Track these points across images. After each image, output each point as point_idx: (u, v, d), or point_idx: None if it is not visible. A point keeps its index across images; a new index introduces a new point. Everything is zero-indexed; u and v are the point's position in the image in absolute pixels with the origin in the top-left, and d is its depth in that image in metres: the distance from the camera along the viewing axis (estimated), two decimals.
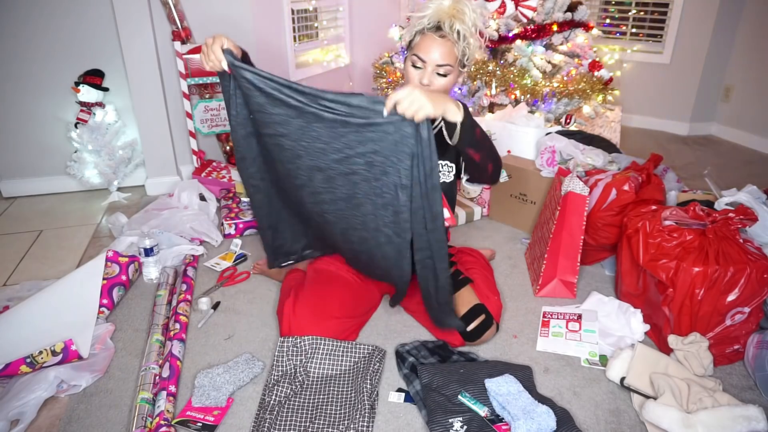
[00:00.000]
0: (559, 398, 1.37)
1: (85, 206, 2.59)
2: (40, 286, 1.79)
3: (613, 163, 2.14)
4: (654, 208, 1.65)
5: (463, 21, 1.36)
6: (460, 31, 1.36)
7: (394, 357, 1.50)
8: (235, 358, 1.47)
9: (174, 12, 2.46)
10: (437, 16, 1.36)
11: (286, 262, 1.68)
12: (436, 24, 1.37)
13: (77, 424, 1.29)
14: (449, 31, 1.36)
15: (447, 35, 1.36)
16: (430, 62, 1.38)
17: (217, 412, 1.30)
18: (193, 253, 2.01)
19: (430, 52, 1.37)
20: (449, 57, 1.37)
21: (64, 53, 2.51)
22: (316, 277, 1.61)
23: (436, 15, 1.36)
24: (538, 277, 1.82)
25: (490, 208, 2.40)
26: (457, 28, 1.36)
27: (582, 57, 2.79)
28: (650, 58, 3.79)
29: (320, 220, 1.44)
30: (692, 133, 3.79)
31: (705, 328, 1.46)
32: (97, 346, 1.52)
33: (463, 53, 1.40)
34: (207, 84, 2.64)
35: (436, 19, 1.36)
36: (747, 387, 1.42)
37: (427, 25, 1.38)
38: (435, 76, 1.39)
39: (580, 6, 2.76)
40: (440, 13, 1.36)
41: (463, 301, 1.53)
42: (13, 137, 2.60)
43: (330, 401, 1.34)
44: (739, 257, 1.42)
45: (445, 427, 1.23)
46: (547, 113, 2.66)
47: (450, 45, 1.37)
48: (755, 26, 3.42)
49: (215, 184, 2.52)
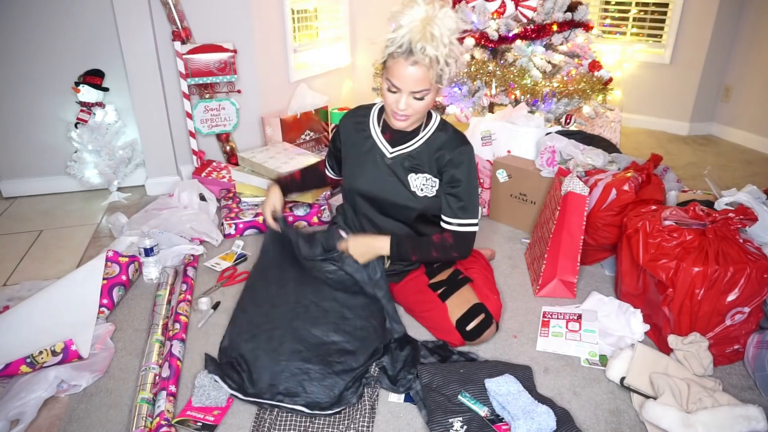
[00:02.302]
0: (559, 398, 1.37)
1: (85, 206, 2.59)
2: (40, 286, 1.79)
3: (613, 163, 2.14)
4: (654, 208, 1.65)
5: (436, 46, 1.27)
6: (432, 57, 1.27)
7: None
8: None
9: (174, 12, 2.46)
10: (408, 39, 1.27)
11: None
12: (407, 48, 1.28)
13: (77, 424, 1.29)
14: (421, 56, 1.27)
15: (419, 61, 1.28)
16: (404, 89, 1.33)
17: (217, 412, 1.30)
18: (193, 252, 2.01)
19: (403, 79, 1.31)
20: (423, 82, 1.32)
21: (64, 53, 2.51)
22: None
23: (406, 37, 1.27)
24: (538, 277, 1.82)
25: (490, 208, 2.40)
26: (429, 53, 1.27)
27: (582, 57, 2.79)
28: (650, 58, 3.79)
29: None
30: (692, 133, 3.79)
31: (705, 328, 1.46)
32: (97, 346, 1.52)
33: (438, 75, 1.33)
34: (207, 84, 2.64)
35: (407, 42, 1.27)
36: (747, 387, 1.42)
37: (398, 50, 1.29)
38: (411, 99, 1.36)
39: (580, 6, 2.76)
40: (411, 35, 1.26)
41: (463, 301, 1.53)
42: (13, 137, 2.61)
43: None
44: (739, 257, 1.42)
45: (445, 427, 1.23)
46: (547, 113, 2.66)
47: (424, 70, 1.30)
48: (755, 26, 3.42)
49: (215, 184, 2.52)
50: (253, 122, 2.87)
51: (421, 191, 1.53)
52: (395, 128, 1.48)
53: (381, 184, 1.55)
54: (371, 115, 1.60)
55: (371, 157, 1.57)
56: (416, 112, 1.39)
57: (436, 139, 1.51)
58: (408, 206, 1.55)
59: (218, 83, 2.67)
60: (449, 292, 1.56)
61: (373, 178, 1.56)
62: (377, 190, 1.57)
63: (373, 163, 1.56)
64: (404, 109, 1.37)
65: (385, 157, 1.55)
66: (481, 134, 2.40)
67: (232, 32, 2.63)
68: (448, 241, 1.52)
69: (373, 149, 1.57)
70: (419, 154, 1.52)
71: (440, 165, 1.50)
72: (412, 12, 1.27)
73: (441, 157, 1.49)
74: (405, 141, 1.53)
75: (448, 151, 1.48)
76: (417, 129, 1.52)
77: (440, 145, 1.50)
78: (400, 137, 1.54)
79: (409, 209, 1.55)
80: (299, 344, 1.39)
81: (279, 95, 2.99)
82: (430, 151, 1.51)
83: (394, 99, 1.37)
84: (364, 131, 1.59)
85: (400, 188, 1.54)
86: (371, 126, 1.58)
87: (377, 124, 1.58)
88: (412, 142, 1.53)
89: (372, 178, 1.56)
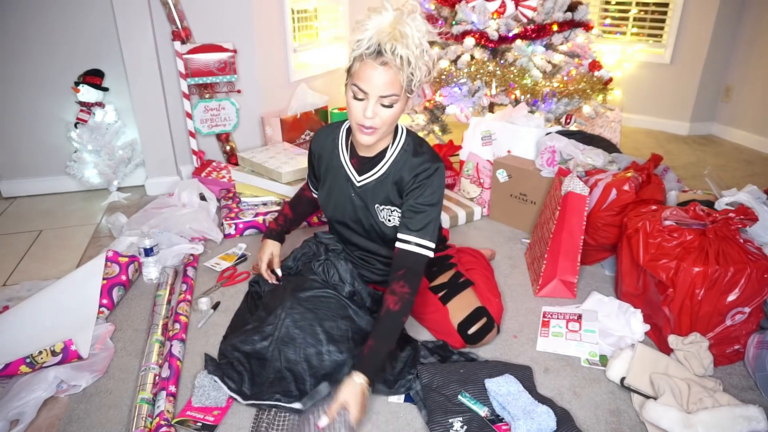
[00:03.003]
0: (559, 398, 1.37)
1: (85, 206, 2.59)
2: (40, 286, 1.79)
3: (613, 163, 2.14)
4: (654, 208, 1.65)
5: (406, 45, 1.18)
6: (403, 56, 1.18)
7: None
8: None
9: (174, 12, 2.46)
10: (376, 39, 1.18)
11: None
12: (376, 49, 1.19)
13: (77, 424, 1.29)
14: (391, 56, 1.18)
15: (389, 62, 1.19)
16: (372, 93, 1.21)
17: (217, 412, 1.30)
18: (192, 252, 2.01)
19: (371, 82, 1.20)
20: (393, 86, 1.21)
21: (64, 53, 2.51)
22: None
23: (375, 38, 1.18)
24: (538, 277, 1.82)
25: (490, 208, 2.40)
26: (400, 53, 1.18)
27: (582, 57, 2.78)
28: (650, 58, 3.79)
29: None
30: (692, 133, 3.79)
31: (705, 328, 1.46)
32: (97, 346, 1.52)
33: (408, 80, 1.23)
34: (207, 84, 2.64)
35: (375, 43, 1.18)
36: (747, 387, 1.42)
37: (366, 51, 1.19)
38: (379, 107, 1.24)
39: (580, 6, 2.75)
40: (380, 36, 1.18)
41: (464, 304, 1.52)
42: (13, 137, 2.61)
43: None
44: (740, 257, 1.42)
45: (445, 427, 1.23)
46: (547, 113, 2.66)
47: (393, 72, 1.20)
48: (755, 26, 3.42)
49: (215, 184, 2.52)
50: (253, 122, 2.87)
51: (389, 222, 1.44)
52: (361, 144, 1.34)
53: (352, 212, 1.48)
54: (340, 138, 1.48)
55: (341, 183, 1.48)
56: (383, 123, 1.26)
57: (399, 161, 1.39)
58: (380, 234, 1.48)
59: (218, 83, 2.67)
60: (450, 295, 1.55)
61: (344, 206, 1.49)
62: (350, 219, 1.50)
63: (344, 190, 1.48)
64: (371, 117, 1.23)
65: (354, 185, 1.46)
66: (481, 134, 2.40)
67: (232, 32, 2.63)
68: (403, 291, 1.30)
69: (342, 175, 1.47)
70: (384, 182, 1.41)
71: (402, 189, 1.39)
72: (380, 17, 1.19)
73: (402, 181, 1.38)
74: (371, 167, 1.42)
75: (410, 173, 1.37)
76: (383, 152, 1.40)
77: (403, 167, 1.38)
78: (365, 163, 1.42)
79: (381, 236, 1.49)
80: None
81: (279, 95, 2.99)
82: (395, 176, 1.39)
83: (360, 107, 1.24)
84: (335, 156, 1.48)
85: (370, 217, 1.46)
86: (340, 150, 1.47)
87: (345, 148, 1.47)
88: (376, 169, 1.41)
89: (343, 206, 1.49)
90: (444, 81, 2.72)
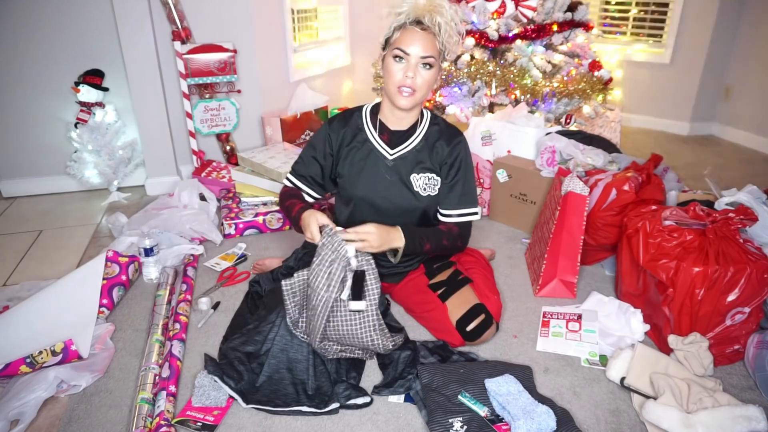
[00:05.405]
0: (559, 398, 1.37)
1: (85, 206, 2.59)
2: (40, 286, 1.79)
3: (613, 163, 2.14)
4: (654, 208, 1.65)
5: (443, 14, 1.37)
6: (441, 23, 1.37)
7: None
8: None
9: (174, 12, 2.46)
10: (415, 12, 1.37)
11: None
12: (416, 18, 1.38)
13: (77, 424, 1.29)
14: (430, 24, 1.37)
15: (428, 28, 1.38)
16: (414, 55, 1.38)
17: (217, 412, 1.30)
18: (192, 252, 2.01)
19: (413, 45, 1.37)
20: (432, 49, 1.39)
21: (64, 53, 2.51)
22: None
23: (414, 11, 1.37)
24: (538, 277, 1.82)
25: (490, 208, 2.40)
26: (438, 20, 1.37)
27: (582, 57, 2.79)
28: (650, 58, 3.79)
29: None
30: (692, 133, 3.79)
31: (705, 328, 1.46)
32: (97, 346, 1.52)
33: (444, 46, 1.41)
34: (207, 84, 2.64)
35: (414, 15, 1.37)
36: (747, 387, 1.42)
37: (408, 20, 1.38)
38: (419, 68, 1.39)
39: (580, 6, 2.76)
40: (418, 9, 1.37)
41: (463, 301, 1.53)
42: (13, 137, 2.61)
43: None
44: (739, 257, 1.42)
45: (445, 427, 1.23)
46: (547, 113, 2.66)
47: (432, 37, 1.38)
48: (755, 26, 3.42)
49: (215, 184, 2.52)
50: (253, 122, 2.87)
51: (424, 191, 1.52)
52: (400, 109, 1.46)
53: (383, 188, 1.52)
54: (364, 118, 1.56)
55: (370, 161, 1.53)
56: (422, 84, 1.40)
57: (432, 133, 1.54)
58: (411, 208, 1.53)
59: (218, 83, 2.67)
60: (449, 292, 1.55)
61: (374, 183, 1.53)
62: (379, 196, 1.53)
63: (373, 167, 1.53)
64: (412, 77, 1.38)
65: (386, 159, 1.53)
66: (481, 134, 2.40)
67: (232, 32, 2.63)
68: (453, 230, 1.55)
69: (371, 153, 1.53)
70: (420, 152, 1.53)
71: (440, 158, 1.53)
72: (411, 1, 1.37)
73: (440, 151, 1.53)
74: (404, 140, 1.53)
75: (445, 143, 1.53)
76: (413, 127, 1.54)
77: (437, 138, 1.53)
78: (398, 137, 1.53)
79: (412, 211, 1.54)
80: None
81: (279, 95, 2.99)
82: (429, 146, 1.53)
83: (401, 69, 1.39)
84: (359, 135, 1.55)
85: (403, 190, 1.52)
86: (366, 129, 1.55)
87: (372, 126, 1.55)
88: (411, 140, 1.53)
89: (373, 183, 1.53)
90: (444, 81, 2.72)
